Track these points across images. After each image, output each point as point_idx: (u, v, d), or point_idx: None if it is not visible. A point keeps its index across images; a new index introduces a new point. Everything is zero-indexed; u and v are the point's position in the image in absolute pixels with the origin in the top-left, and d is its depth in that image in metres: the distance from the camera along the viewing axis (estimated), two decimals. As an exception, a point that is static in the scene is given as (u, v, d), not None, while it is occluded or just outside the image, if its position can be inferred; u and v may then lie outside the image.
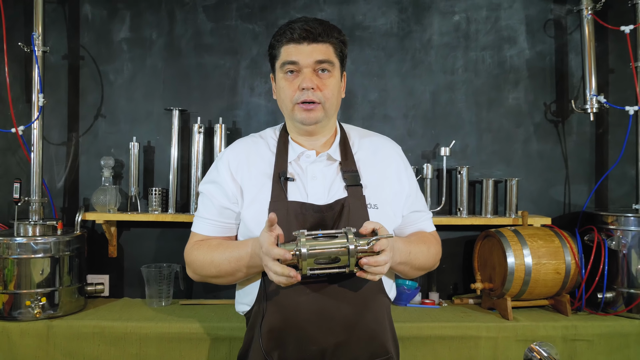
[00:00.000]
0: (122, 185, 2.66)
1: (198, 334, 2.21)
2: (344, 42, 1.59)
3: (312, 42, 1.51)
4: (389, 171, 1.64)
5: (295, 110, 1.55)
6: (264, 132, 1.72)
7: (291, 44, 1.52)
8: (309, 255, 1.33)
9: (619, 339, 2.28)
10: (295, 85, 1.53)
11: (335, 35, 1.55)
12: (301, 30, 1.50)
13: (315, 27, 1.51)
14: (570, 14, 2.73)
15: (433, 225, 1.77)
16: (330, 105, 1.55)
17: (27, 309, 2.22)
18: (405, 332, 2.20)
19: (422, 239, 1.67)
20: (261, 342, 1.50)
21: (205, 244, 1.61)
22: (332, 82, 1.55)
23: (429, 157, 2.71)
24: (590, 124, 2.73)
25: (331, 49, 1.54)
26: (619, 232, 2.39)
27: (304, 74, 1.52)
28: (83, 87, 2.68)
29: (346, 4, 2.71)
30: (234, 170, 1.60)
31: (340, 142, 1.64)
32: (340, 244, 1.34)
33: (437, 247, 1.72)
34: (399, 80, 2.72)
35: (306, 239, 1.35)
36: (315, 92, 1.52)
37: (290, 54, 1.52)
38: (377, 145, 1.68)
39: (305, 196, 1.54)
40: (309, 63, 1.51)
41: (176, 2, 2.69)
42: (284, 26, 1.55)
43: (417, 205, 1.70)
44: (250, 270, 1.51)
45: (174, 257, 2.61)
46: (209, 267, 1.56)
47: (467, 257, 2.73)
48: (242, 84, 2.70)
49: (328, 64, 1.53)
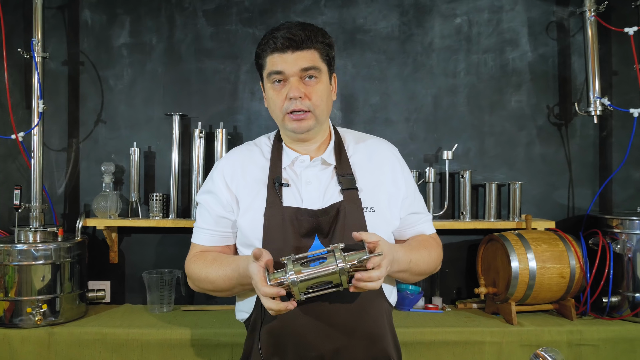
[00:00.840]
0: (122, 191, 2.65)
1: (200, 340, 2.20)
2: (330, 45, 1.56)
3: (296, 49, 1.48)
4: (385, 174, 1.62)
5: (285, 120, 1.53)
6: (259, 140, 1.71)
7: (275, 54, 1.50)
8: (300, 281, 1.32)
9: (624, 344, 2.26)
10: (283, 95, 1.51)
11: (319, 39, 1.52)
12: (284, 39, 1.47)
13: (297, 33, 1.48)
14: (572, 16, 2.71)
15: (433, 228, 1.74)
16: (321, 111, 1.54)
17: (28, 316, 2.21)
18: (408, 338, 2.18)
19: (423, 243, 1.65)
20: (260, 348, 1.50)
21: (201, 257, 1.60)
22: (320, 88, 1.53)
23: (431, 161, 2.70)
24: (594, 127, 2.71)
25: (316, 54, 1.51)
26: (624, 235, 2.37)
27: (291, 83, 1.49)
28: (83, 93, 2.67)
29: (347, 7, 2.70)
30: (229, 179, 1.60)
31: (334, 146, 1.63)
32: (329, 266, 1.33)
33: (438, 251, 1.70)
34: (400, 84, 2.70)
35: (293, 264, 1.34)
36: (303, 100, 1.50)
37: (275, 63, 1.50)
38: (372, 148, 1.66)
39: (300, 201, 1.53)
40: (294, 72, 1.49)
41: (176, 7, 2.68)
42: (267, 35, 1.53)
43: (415, 207, 1.68)
44: (245, 288, 1.51)
45: (175, 263, 2.60)
46: (205, 282, 1.56)
47: (470, 261, 2.71)
48: (242, 89, 2.69)
49: (314, 70, 1.50)
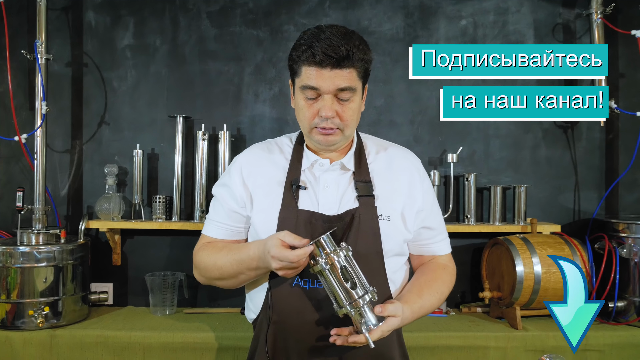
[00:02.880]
0: (126, 193, 2.65)
1: (202, 343, 2.19)
2: (369, 62, 1.50)
3: (334, 67, 1.41)
4: (403, 184, 1.58)
5: (312, 132, 1.50)
6: (280, 139, 1.69)
7: (312, 67, 1.42)
8: (329, 268, 1.32)
9: (630, 349, 2.24)
10: (315, 110, 1.46)
11: (360, 57, 1.44)
12: (324, 55, 1.40)
13: (339, 50, 1.40)
14: (579, 18, 2.69)
15: (449, 247, 1.69)
16: (350, 129, 1.51)
17: (30, 318, 2.21)
18: (412, 342, 2.17)
19: (433, 284, 1.59)
20: (266, 351, 1.49)
21: (210, 245, 1.60)
22: (353, 107, 1.48)
23: (436, 164, 2.68)
24: (600, 130, 2.69)
25: (355, 73, 1.45)
26: (630, 239, 2.35)
27: (325, 100, 1.44)
28: (86, 95, 2.66)
29: (352, 9, 2.69)
30: (246, 175, 1.58)
31: (355, 152, 1.60)
32: (355, 292, 1.32)
33: (450, 283, 1.64)
34: (405, 86, 2.69)
35: (338, 251, 1.34)
36: (334, 119, 1.46)
37: (311, 77, 1.43)
38: (393, 156, 1.63)
39: (316, 205, 1.51)
40: (330, 90, 1.43)
41: (180, 9, 2.67)
42: (306, 41, 1.44)
43: (429, 221, 1.62)
44: (251, 273, 1.49)
45: (178, 265, 2.60)
46: (213, 268, 1.55)
47: (475, 265, 2.69)
48: (246, 91, 2.68)
49: (350, 91, 1.45)
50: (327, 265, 1.31)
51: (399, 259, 1.56)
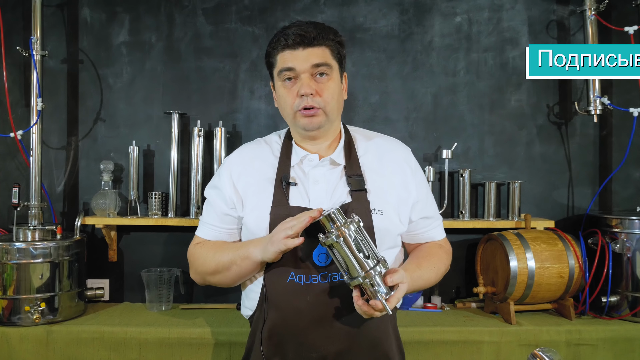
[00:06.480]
0: (121, 190, 2.65)
1: (198, 339, 2.20)
2: (341, 43, 1.56)
3: (307, 46, 1.48)
4: (395, 177, 1.59)
5: (296, 117, 1.53)
6: (269, 137, 1.70)
7: (286, 51, 1.50)
8: (340, 240, 1.33)
9: (623, 344, 2.25)
10: (294, 92, 1.50)
11: (331, 37, 1.52)
12: (295, 35, 1.47)
13: (309, 30, 1.48)
14: (573, 15, 2.70)
15: (443, 232, 1.73)
16: (332, 108, 1.53)
17: (26, 314, 2.22)
18: (407, 337, 2.17)
19: (431, 259, 1.63)
20: (262, 348, 1.50)
21: (205, 243, 1.63)
22: (331, 85, 1.52)
23: (431, 160, 2.69)
24: (594, 126, 2.71)
25: (328, 51, 1.51)
26: (623, 235, 2.37)
27: (302, 79, 1.49)
28: (82, 91, 2.67)
29: (347, 5, 2.69)
30: (236, 177, 1.59)
31: (344, 146, 1.61)
32: (367, 263, 1.34)
33: (447, 260, 1.69)
34: (400, 83, 2.70)
35: (348, 224, 1.35)
36: (314, 97, 1.49)
37: (286, 60, 1.50)
38: (383, 149, 1.64)
39: (307, 201, 1.52)
40: (305, 68, 1.49)
41: (175, 5, 2.67)
42: (278, 33, 1.53)
43: (426, 211, 1.66)
44: (244, 262, 1.49)
45: (174, 261, 2.60)
46: (210, 263, 1.57)
47: (469, 260, 2.70)
48: (242, 87, 2.68)
49: (326, 67, 1.50)
50: (340, 238, 1.33)
51: (392, 251, 1.58)
